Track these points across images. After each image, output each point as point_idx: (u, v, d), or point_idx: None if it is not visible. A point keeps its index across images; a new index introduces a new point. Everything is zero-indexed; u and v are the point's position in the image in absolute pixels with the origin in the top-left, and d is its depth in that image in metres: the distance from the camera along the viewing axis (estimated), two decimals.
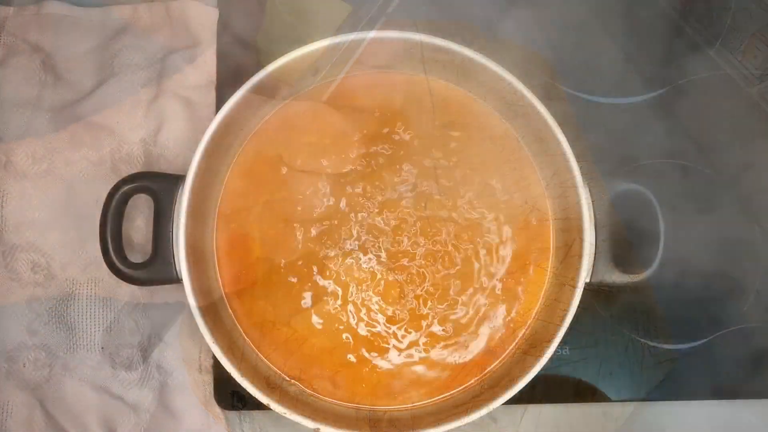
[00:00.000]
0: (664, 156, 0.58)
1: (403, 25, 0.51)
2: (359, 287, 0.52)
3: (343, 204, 0.53)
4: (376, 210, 0.53)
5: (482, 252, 0.52)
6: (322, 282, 0.52)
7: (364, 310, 0.52)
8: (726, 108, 0.59)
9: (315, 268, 0.52)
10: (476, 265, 0.52)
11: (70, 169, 0.58)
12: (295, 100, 0.54)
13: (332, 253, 0.52)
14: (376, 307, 0.52)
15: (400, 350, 0.52)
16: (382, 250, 0.52)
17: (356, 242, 0.52)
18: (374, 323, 0.52)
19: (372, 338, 0.51)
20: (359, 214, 0.53)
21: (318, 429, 0.47)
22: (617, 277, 0.49)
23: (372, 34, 0.51)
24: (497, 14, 0.60)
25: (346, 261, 0.52)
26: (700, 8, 0.61)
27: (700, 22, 0.61)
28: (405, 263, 0.52)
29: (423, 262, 0.52)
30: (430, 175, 0.53)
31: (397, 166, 0.53)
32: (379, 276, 0.52)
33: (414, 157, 0.53)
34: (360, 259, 0.52)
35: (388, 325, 0.52)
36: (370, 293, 0.52)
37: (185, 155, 0.58)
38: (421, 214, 0.53)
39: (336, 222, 0.53)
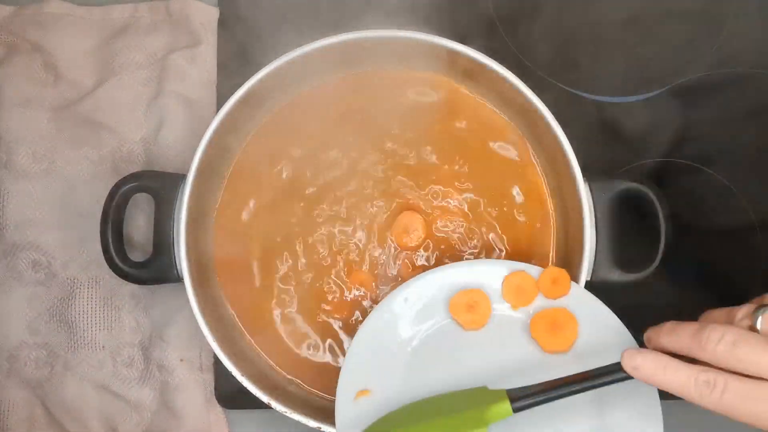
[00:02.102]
0: (664, 156, 0.58)
1: (403, 24, 0.51)
2: (360, 287, 0.52)
3: (345, 204, 0.53)
4: (378, 210, 0.53)
5: (483, 252, 0.52)
6: (323, 281, 0.52)
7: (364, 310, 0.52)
8: (727, 107, 0.59)
9: (316, 268, 0.52)
10: None
11: (71, 168, 0.58)
12: (295, 100, 0.54)
13: (334, 254, 0.52)
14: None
15: None
16: (385, 252, 0.52)
17: (357, 242, 0.52)
18: None
19: None
20: (360, 214, 0.53)
21: (319, 428, 0.47)
22: (618, 277, 0.49)
23: (371, 33, 0.51)
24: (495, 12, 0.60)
25: (348, 261, 0.52)
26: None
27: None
28: (408, 263, 0.52)
29: (425, 264, 0.52)
30: (429, 174, 0.53)
31: (398, 166, 0.53)
32: (380, 276, 0.52)
33: (414, 158, 0.53)
34: (356, 261, 0.52)
35: None
36: (372, 294, 0.52)
37: (186, 154, 0.57)
38: (420, 215, 0.53)
39: (338, 222, 0.53)
